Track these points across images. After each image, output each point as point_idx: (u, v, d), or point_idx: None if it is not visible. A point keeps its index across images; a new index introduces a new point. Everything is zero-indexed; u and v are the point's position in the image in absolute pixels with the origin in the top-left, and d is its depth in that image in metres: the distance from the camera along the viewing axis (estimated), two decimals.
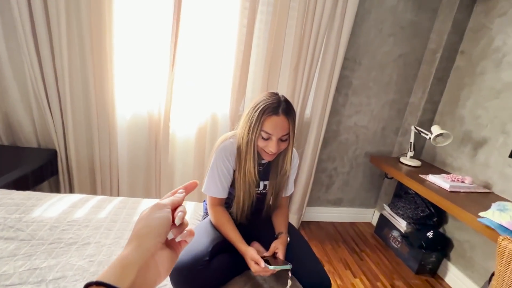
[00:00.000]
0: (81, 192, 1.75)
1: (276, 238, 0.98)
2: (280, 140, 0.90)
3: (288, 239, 0.98)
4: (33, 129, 1.64)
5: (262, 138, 0.89)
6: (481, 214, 1.20)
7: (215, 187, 0.99)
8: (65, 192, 1.74)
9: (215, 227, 0.98)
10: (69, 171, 1.72)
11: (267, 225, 1.07)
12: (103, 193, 1.78)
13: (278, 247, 0.92)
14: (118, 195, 1.79)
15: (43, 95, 1.52)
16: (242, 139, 0.93)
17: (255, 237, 1.05)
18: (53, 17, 1.41)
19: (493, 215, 1.15)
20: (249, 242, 1.03)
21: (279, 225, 1.02)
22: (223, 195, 1.01)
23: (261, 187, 1.05)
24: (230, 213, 1.02)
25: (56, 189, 1.77)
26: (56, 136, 1.63)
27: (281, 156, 0.99)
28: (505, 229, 1.08)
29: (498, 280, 0.96)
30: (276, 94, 0.91)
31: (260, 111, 0.87)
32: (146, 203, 1.20)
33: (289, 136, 0.91)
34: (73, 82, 1.55)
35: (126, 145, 1.75)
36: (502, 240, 0.92)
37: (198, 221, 1.14)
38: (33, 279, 0.76)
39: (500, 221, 1.10)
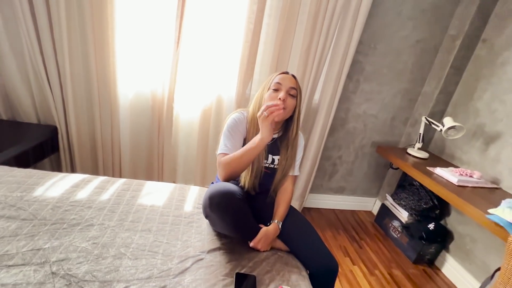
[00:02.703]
0: (83, 170, 1.72)
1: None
2: (289, 94, 0.99)
3: (280, 228, 0.98)
4: (31, 103, 1.58)
5: (273, 90, 0.99)
6: (490, 211, 1.18)
7: (233, 142, 1.01)
8: (66, 170, 1.72)
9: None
10: (70, 148, 1.68)
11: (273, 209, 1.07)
12: (105, 173, 1.76)
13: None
14: (120, 175, 1.77)
15: (41, 67, 1.45)
16: (255, 109, 1.02)
17: (259, 220, 1.04)
18: None
19: (503, 212, 1.13)
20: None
21: (278, 208, 1.03)
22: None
23: (270, 160, 1.07)
24: (238, 182, 1.04)
25: (57, 166, 1.75)
26: (56, 111, 1.57)
27: (289, 128, 1.06)
28: None
29: (504, 278, 0.95)
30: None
31: (272, 76, 1.06)
32: (150, 186, 1.17)
33: (297, 95, 1.01)
34: (72, 55, 1.47)
35: (129, 125, 1.71)
36: None
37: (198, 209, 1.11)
38: (36, 260, 0.74)
39: (511, 219, 1.08)
